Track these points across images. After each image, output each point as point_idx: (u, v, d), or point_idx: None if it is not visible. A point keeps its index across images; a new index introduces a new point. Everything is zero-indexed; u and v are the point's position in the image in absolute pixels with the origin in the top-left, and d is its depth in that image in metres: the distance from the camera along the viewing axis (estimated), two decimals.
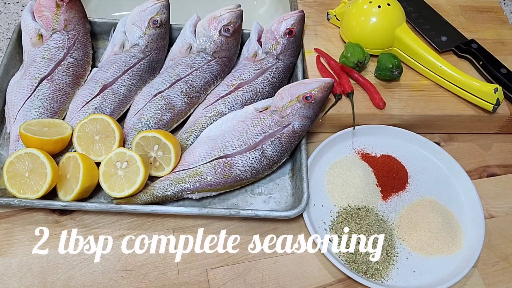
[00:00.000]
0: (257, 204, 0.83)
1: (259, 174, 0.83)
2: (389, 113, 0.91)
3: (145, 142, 0.80)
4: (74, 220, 0.79)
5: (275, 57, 0.92)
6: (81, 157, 0.76)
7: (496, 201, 0.89)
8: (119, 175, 0.77)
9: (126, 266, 0.75)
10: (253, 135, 0.82)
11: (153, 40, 0.93)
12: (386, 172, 0.88)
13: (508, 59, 0.99)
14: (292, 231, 0.81)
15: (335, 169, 0.88)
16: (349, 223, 0.81)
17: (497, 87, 0.88)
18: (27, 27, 0.90)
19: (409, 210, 0.84)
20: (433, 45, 1.01)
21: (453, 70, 0.92)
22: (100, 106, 0.86)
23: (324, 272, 0.77)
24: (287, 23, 0.91)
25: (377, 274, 0.76)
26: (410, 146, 0.93)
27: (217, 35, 0.92)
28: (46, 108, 0.85)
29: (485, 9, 1.11)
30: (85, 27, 0.94)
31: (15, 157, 0.75)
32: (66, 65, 0.89)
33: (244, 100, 0.89)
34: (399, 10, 0.96)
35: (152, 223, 0.80)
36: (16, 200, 0.74)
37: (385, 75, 0.93)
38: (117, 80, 0.88)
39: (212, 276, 0.75)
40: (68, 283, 0.73)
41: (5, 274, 0.73)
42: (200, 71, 0.91)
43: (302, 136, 0.85)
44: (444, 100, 0.94)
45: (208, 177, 0.80)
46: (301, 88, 0.83)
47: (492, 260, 0.81)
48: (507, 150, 0.96)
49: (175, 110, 0.88)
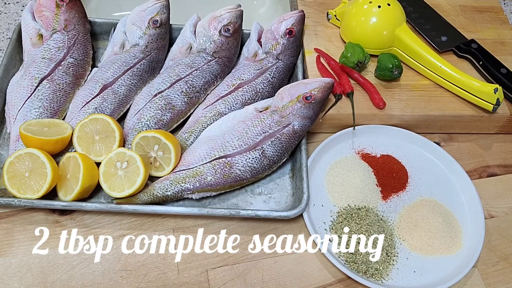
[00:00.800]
0: (257, 204, 0.83)
1: (259, 174, 0.83)
2: (389, 113, 0.91)
3: (145, 142, 0.80)
4: (74, 220, 0.79)
5: (275, 57, 0.92)
6: (81, 157, 0.76)
7: (496, 201, 0.89)
8: (119, 175, 0.77)
9: (126, 266, 0.75)
10: (253, 135, 0.82)
11: (153, 40, 0.93)
12: (386, 172, 0.88)
13: (508, 59, 0.99)
14: (292, 231, 0.81)
15: (335, 169, 0.88)
16: (349, 223, 0.81)
17: (497, 87, 0.88)
18: (27, 27, 0.90)
19: (409, 210, 0.84)
20: (433, 45, 1.01)
21: (453, 70, 0.92)
22: (100, 106, 0.86)
23: (324, 272, 0.77)
24: (287, 23, 0.91)
25: (377, 274, 0.76)
26: (410, 146, 0.93)
27: (217, 35, 0.92)
28: (46, 108, 0.85)
29: (485, 9, 1.11)
30: (85, 27, 0.94)
31: (15, 157, 0.75)
32: (66, 65, 0.89)
33: (244, 100, 0.89)
34: (399, 10, 0.96)
35: (152, 223, 0.80)
36: (16, 200, 0.74)
37: (385, 75, 0.93)
38: (117, 80, 0.88)
39: (212, 276, 0.75)
40: (68, 283, 0.73)
41: (5, 274, 0.73)
42: (200, 71, 0.91)
43: (302, 136, 0.85)
44: (444, 100, 0.94)
45: (208, 177, 0.80)
46: (301, 88, 0.83)
47: (492, 260, 0.81)
48: (507, 150, 0.96)
49: (175, 110, 0.88)
